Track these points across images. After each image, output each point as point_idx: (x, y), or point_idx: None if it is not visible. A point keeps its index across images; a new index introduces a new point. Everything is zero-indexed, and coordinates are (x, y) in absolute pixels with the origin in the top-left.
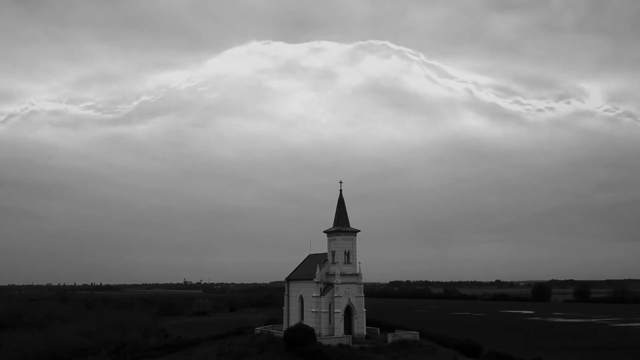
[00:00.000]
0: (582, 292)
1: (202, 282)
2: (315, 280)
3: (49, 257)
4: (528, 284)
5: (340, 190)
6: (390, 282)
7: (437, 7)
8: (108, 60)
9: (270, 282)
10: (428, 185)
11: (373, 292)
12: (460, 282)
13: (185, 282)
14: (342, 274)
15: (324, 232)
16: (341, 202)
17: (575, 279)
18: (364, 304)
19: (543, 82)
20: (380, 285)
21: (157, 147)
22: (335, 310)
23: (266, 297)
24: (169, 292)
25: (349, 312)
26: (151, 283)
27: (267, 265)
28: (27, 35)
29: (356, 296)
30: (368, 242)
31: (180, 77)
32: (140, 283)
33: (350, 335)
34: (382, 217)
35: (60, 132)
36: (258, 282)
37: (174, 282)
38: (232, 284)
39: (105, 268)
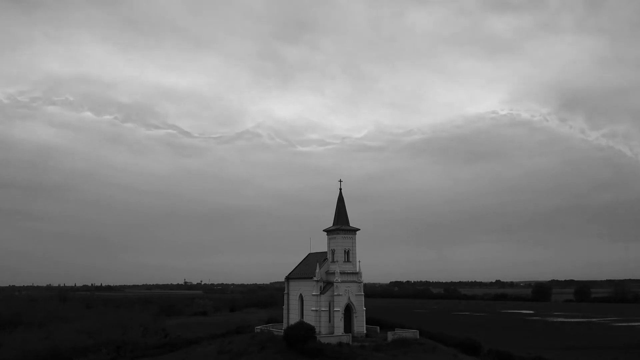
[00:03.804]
0: (582, 292)
1: (202, 283)
2: (315, 278)
3: (49, 258)
4: (528, 284)
5: (340, 189)
6: (390, 282)
7: (435, 7)
8: (107, 61)
9: (271, 283)
10: (428, 186)
11: (373, 292)
12: (460, 282)
13: (185, 282)
14: (342, 273)
15: (324, 230)
16: (341, 201)
17: (576, 279)
18: (363, 302)
19: (542, 82)
20: (380, 285)
21: (157, 147)
22: (335, 309)
23: (266, 297)
24: (169, 292)
25: (348, 310)
26: (151, 284)
27: (267, 265)
28: (26, 36)
29: (356, 295)
30: (368, 242)
31: (179, 77)
32: (140, 284)
33: (350, 334)
34: (382, 217)
35: (60, 133)
36: (258, 283)
37: (174, 282)
38: (232, 284)
39: (105, 269)
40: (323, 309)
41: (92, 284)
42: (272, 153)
